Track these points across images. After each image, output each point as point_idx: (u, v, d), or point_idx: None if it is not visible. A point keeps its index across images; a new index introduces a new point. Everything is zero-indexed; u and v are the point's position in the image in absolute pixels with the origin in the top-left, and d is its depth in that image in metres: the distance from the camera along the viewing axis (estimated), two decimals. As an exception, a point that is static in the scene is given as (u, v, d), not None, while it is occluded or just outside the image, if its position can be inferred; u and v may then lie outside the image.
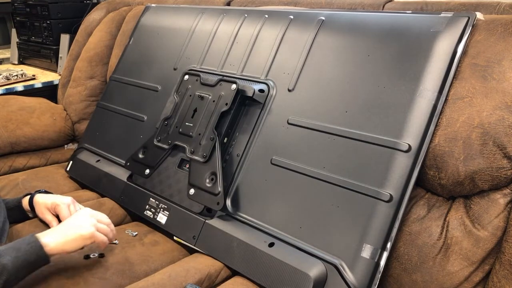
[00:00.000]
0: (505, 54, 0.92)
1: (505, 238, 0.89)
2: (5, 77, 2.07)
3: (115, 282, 1.03)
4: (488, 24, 0.98)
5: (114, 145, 1.50)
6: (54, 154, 1.79)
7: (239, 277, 1.03)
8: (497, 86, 0.91)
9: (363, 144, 0.98)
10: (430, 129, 0.94)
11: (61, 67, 2.24)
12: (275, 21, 1.28)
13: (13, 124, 1.67)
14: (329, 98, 1.08)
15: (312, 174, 1.03)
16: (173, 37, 1.52)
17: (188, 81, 1.32)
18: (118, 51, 1.80)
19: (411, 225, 0.98)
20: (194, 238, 1.14)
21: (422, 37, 0.99)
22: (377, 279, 0.88)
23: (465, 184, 0.93)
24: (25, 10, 2.37)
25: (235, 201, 1.12)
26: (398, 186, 0.91)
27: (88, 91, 1.88)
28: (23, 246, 0.88)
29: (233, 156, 1.18)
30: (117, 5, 2.08)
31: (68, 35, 2.23)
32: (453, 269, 0.92)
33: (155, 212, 1.25)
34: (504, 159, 0.89)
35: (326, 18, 1.18)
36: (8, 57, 2.61)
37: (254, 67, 1.26)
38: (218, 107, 1.19)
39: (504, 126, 0.88)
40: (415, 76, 0.97)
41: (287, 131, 1.11)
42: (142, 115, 1.46)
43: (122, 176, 1.38)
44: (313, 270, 0.92)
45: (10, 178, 1.52)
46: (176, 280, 0.98)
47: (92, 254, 1.10)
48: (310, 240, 0.97)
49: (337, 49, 1.12)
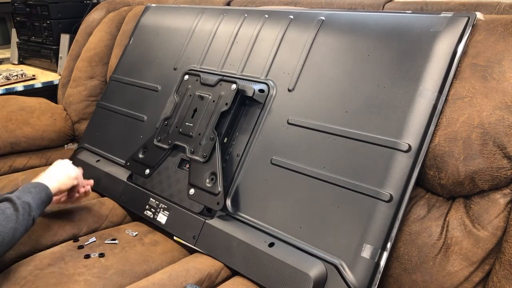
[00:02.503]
0: (505, 54, 0.92)
1: (505, 238, 0.89)
2: (5, 77, 2.07)
3: (115, 282, 1.03)
4: (488, 24, 0.98)
5: (114, 145, 1.50)
6: (54, 154, 1.79)
7: (239, 277, 1.04)
8: (497, 86, 0.91)
9: (363, 144, 0.98)
10: (430, 129, 0.94)
11: (61, 67, 2.24)
12: (275, 21, 1.28)
13: (13, 124, 1.67)
14: (329, 98, 1.08)
15: (312, 174, 1.03)
16: (173, 37, 1.52)
17: (188, 81, 1.32)
18: (118, 51, 1.80)
19: (411, 225, 0.98)
20: (194, 238, 1.14)
21: (422, 37, 0.99)
22: (377, 279, 0.88)
23: (465, 184, 0.93)
24: (25, 10, 2.37)
25: (235, 201, 1.12)
26: (398, 186, 0.92)
27: (88, 91, 1.88)
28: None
29: (233, 156, 1.18)
30: (117, 5, 2.08)
31: (68, 35, 2.23)
32: (453, 269, 0.92)
33: (155, 212, 1.25)
34: (504, 159, 0.89)
35: (326, 18, 1.18)
36: (8, 57, 2.61)
37: (254, 67, 1.26)
38: (218, 107, 1.19)
39: (504, 126, 0.88)
40: (415, 76, 0.97)
41: (287, 131, 1.11)
42: (142, 115, 1.46)
43: (122, 176, 1.38)
44: (313, 270, 0.92)
45: (10, 178, 1.52)
46: (176, 280, 0.98)
47: (92, 254, 1.10)
48: (310, 240, 0.97)
49: (337, 49, 1.12)
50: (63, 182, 1.12)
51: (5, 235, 0.90)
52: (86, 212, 1.28)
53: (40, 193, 1.03)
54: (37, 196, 1.01)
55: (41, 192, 1.03)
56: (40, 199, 1.02)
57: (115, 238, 1.19)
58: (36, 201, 1.00)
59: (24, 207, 0.96)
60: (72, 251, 1.12)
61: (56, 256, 1.09)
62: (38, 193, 1.02)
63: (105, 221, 1.29)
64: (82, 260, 1.08)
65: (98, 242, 1.17)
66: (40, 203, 1.02)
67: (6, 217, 0.92)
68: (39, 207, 1.01)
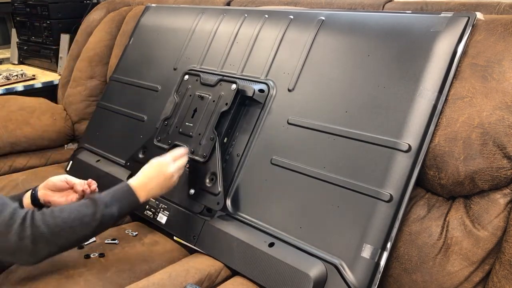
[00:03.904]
0: (505, 54, 0.92)
1: (505, 238, 0.89)
2: (5, 77, 2.06)
3: (115, 282, 1.03)
4: (488, 24, 0.98)
5: (114, 145, 1.50)
6: (54, 154, 1.79)
7: (239, 277, 1.03)
8: (497, 86, 0.91)
9: (363, 144, 0.98)
10: (430, 129, 0.94)
11: (61, 67, 2.24)
12: (275, 21, 1.28)
13: (13, 124, 1.67)
14: (329, 98, 1.08)
15: (312, 174, 1.02)
16: (173, 37, 1.52)
17: (188, 81, 1.32)
18: (118, 51, 1.80)
19: (411, 225, 0.98)
20: (194, 238, 1.14)
21: (422, 37, 0.99)
22: (377, 279, 0.88)
23: (465, 184, 0.93)
24: (25, 10, 2.37)
25: (235, 201, 1.12)
26: (398, 186, 0.91)
27: (88, 91, 1.88)
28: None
29: (233, 156, 1.18)
30: (117, 5, 2.08)
31: (68, 35, 2.23)
32: (453, 269, 0.92)
33: (155, 212, 1.25)
34: (504, 159, 0.89)
35: (326, 18, 1.18)
36: (8, 57, 2.61)
37: (254, 67, 1.26)
38: (218, 107, 1.19)
39: (504, 126, 0.88)
40: (415, 76, 0.97)
41: (287, 131, 1.11)
42: (142, 115, 1.46)
43: (122, 176, 1.38)
44: (313, 270, 0.92)
45: (10, 178, 1.52)
46: (176, 280, 0.98)
47: (92, 254, 1.10)
48: (310, 240, 0.97)
49: (337, 49, 1.12)
50: (158, 194, 1.05)
51: (74, 241, 0.93)
52: (86, 212, 1.28)
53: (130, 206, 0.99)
54: (126, 209, 0.98)
55: (131, 205, 0.99)
56: (126, 211, 0.99)
57: (115, 238, 1.19)
58: (121, 214, 0.97)
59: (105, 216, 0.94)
60: (72, 251, 1.11)
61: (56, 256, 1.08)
62: (128, 206, 0.99)
63: (105, 221, 1.29)
64: (82, 260, 1.08)
65: (98, 242, 1.17)
66: (124, 214, 1.00)
67: (82, 223, 0.92)
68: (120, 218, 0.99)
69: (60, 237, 0.89)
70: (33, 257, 0.89)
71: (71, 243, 0.93)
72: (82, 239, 0.95)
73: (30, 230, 0.87)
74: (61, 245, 0.91)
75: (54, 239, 0.89)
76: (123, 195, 0.99)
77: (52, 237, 0.88)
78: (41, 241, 0.88)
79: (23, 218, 0.88)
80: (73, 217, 0.91)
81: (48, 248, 0.89)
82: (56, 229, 0.89)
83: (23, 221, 0.87)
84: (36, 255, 0.89)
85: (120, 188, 0.99)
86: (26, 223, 0.87)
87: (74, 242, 0.94)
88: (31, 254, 0.88)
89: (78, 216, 0.91)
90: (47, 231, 0.88)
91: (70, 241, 0.92)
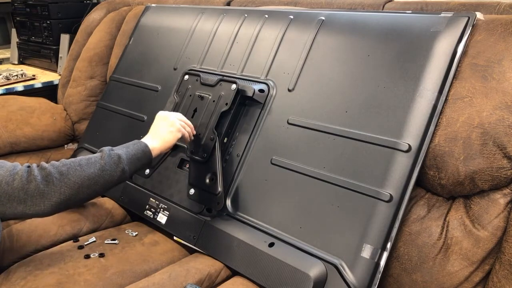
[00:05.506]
0: (505, 54, 0.92)
1: (505, 238, 0.89)
2: (5, 77, 2.06)
3: (115, 282, 1.03)
4: (488, 24, 0.98)
5: (114, 145, 1.48)
6: (54, 154, 1.79)
7: (239, 277, 1.03)
8: (497, 86, 0.91)
9: (363, 144, 0.98)
10: (430, 129, 0.94)
11: (61, 67, 2.24)
12: (275, 21, 1.28)
13: (13, 124, 1.67)
14: (329, 98, 1.08)
15: (312, 174, 1.02)
16: (173, 37, 1.52)
17: (188, 81, 1.32)
18: (118, 51, 1.80)
19: (411, 225, 0.98)
20: (194, 238, 1.14)
21: (422, 37, 0.99)
22: (377, 279, 0.88)
23: (465, 184, 0.93)
24: (25, 10, 2.37)
25: (235, 201, 1.12)
26: (398, 186, 0.92)
27: (88, 91, 1.88)
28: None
29: (233, 156, 1.18)
30: (117, 5, 2.08)
31: (68, 35, 2.23)
32: (453, 269, 0.92)
33: (155, 212, 1.25)
34: (504, 159, 0.89)
35: (326, 18, 1.18)
36: (8, 57, 2.61)
37: (254, 67, 1.26)
38: (218, 107, 1.19)
39: (504, 126, 0.88)
40: (415, 76, 0.97)
41: (287, 131, 1.11)
42: (142, 115, 1.46)
43: (122, 176, 1.38)
44: (313, 270, 0.92)
45: (10, 178, 1.52)
46: (176, 280, 0.98)
47: (92, 254, 1.10)
48: (310, 240, 0.97)
49: (337, 49, 1.12)
50: (166, 144, 1.08)
51: (84, 179, 0.92)
52: (86, 212, 1.28)
53: (136, 149, 1.01)
54: (132, 152, 1.00)
55: (138, 149, 1.02)
56: (136, 155, 1.00)
57: (115, 238, 1.19)
58: (129, 155, 0.99)
59: (112, 156, 0.96)
60: (72, 251, 1.12)
61: (56, 256, 1.09)
62: (135, 149, 1.01)
63: (105, 221, 1.29)
64: (82, 260, 1.08)
65: (98, 242, 1.17)
66: (135, 159, 1.00)
67: (89, 163, 0.94)
68: (132, 162, 0.99)
69: (68, 175, 0.90)
70: (45, 201, 0.88)
71: (81, 182, 0.91)
72: (92, 179, 0.93)
73: (36, 171, 0.88)
74: (71, 185, 0.90)
75: (62, 178, 0.89)
76: (129, 143, 1.04)
77: (60, 176, 0.89)
78: (49, 180, 0.88)
79: (27, 165, 0.90)
80: (79, 159, 0.94)
81: (58, 189, 0.89)
82: (63, 168, 0.90)
83: (28, 167, 0.90)
84: (47, 198, 0.88)
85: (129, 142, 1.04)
86: (32, 167, 0.90)
87: (84, 181, 0.92)
88: (41, 197, 0.87)
89: (84, 158, 0.95)
90: (54, 170, 0.89)
91: (79, 179, 0.91)
